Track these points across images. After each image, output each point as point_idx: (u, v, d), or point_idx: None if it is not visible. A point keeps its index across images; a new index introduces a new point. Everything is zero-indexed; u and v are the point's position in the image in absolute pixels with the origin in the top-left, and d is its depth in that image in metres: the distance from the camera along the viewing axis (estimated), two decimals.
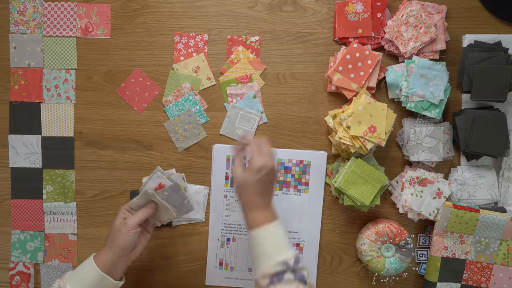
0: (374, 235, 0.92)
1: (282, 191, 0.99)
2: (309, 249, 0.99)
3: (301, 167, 0.99)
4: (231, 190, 1.00)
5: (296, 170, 0.99)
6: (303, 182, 0.99)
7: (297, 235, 0.99)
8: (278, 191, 0.99)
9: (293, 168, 0.99)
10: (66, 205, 1.02)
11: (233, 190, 1.00)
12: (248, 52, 0.99)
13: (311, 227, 0.99)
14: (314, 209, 0.99)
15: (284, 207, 0.99)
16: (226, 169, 0.99)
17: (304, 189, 0.99)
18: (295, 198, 0.99)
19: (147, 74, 1.00)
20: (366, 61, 0.94)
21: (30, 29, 1.00)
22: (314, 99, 0.99)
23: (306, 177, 0.99)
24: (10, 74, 1.01)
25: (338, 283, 1.01)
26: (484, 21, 0.97)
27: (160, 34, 1.00)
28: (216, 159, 1.00)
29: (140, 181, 1.01)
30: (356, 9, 0.96)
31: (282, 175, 0.99)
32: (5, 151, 1.02)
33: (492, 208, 0.93)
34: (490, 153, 0.92)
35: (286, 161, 0.99)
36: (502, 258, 0.92)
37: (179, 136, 1.00)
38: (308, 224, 0.99)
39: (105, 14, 1.00)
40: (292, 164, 0.99)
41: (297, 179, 0.99)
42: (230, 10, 0.99)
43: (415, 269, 0.99)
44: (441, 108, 0.92)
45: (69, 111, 1.01)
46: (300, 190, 0.99)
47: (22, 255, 1.03)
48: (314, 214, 0.99)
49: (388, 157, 0.99)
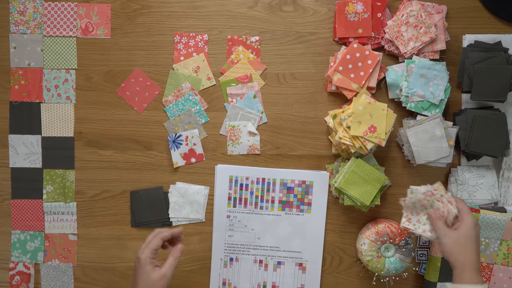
0: (374, 235, 0.92)
1: (284, 211, 0.99)
2: (312, 269, 1.00)
3: (303, 187, 0.99)
4: (233, 210, 1.00)
5: (298, 190, 0.99)
6: (306, 202, 0.99)
7: (299, 254, 1.00)
8: (280, 211, 1.00)
9: (295, 188, 0.99)
10: (66, 205, 1.02)
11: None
12: (248, 52, 0.99)
13: (313, 246, 1.00)
14: (316, 229, 0.99)
15: (287, 227, 0.99)
16: (229, 189, 1.00)
17: (306, 209, 0.99)
18: (298, 218, 0.99)
19: (147, 74, 1.00)
20: (366, 61, 0.94)
21: (30, 29, 1.00)
22: (314, 99, 0.99)
23: (309, 197, 0.99)
24: (10, 74, 1.01)
25: (338, 283, 1.01)
26: (484, 21, 0.97)
27: (160, 34, 1.00)
28: (219, 180, 1.00)
29: (140, 181, 1.01)
30: (356, 9, 0.96)
31: (284, 195, 0.99)
32: (5, 151, 1.02)
33: (492, 208, 0.93)
34: (490, 153, 0.92)
35: (289, 181, 0.99)
36: (502, 258, 0.92)
37: None
38: (311, 244, 1.00)
39: (105, 14, 1.00)
40: (294, 184, 0.99)
41: (299, 199, 0.99)
42: (230, 10, 0.99)
43: (415, 269, 0.99)
44: (441, 108, 0.92)
45: (69, 111, 1.01)
46: (303, 210, 0.99)
47: (22, 255, 1.03)
48: (316, 234, 0.99)
49: (388, 157, 0.99)
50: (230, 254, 1.00)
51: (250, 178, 1.00)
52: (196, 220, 1.01)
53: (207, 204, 1.01)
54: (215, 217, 1.00)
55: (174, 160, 0.99)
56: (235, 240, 1.00)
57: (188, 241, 1.01)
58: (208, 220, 1.01)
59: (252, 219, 1.00)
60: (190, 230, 1.01)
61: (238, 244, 1.00)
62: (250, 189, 1.00)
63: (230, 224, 1.00)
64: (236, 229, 1.00)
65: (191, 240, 1.01)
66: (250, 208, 1.00)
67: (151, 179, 1.01)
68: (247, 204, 1.00)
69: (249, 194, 1.00)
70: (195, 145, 0.99)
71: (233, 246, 1.00)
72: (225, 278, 1.01)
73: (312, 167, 1.00)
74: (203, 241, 1.01)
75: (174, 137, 0.99)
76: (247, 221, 1.00)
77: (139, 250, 0.82)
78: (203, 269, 1.01)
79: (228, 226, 1.00)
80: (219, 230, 1.00)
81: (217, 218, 1.00)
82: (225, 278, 1.01)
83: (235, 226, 1.00)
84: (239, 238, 1.00)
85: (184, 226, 1.01)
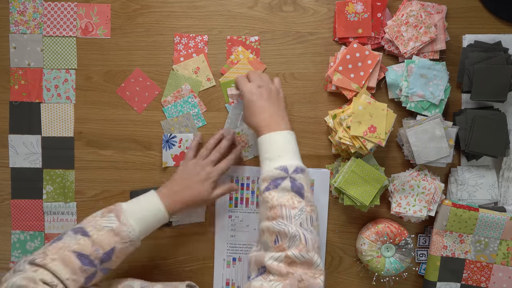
0: (374, 235, 0.93)
1: None
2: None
3: None
4: (235, 210, 1.00)
5: None
6: None
7: None
8: None
9: None
10: (66, 205, 1.02)
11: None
12: (248, 52, 0.99)
13: None
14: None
15: None
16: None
17: None
18: None
19: (147, 74, 1.00)
20: (366, 61, 0.94)
21: (30, 29, 1.00)
22: (314, 99, 0.99)
23: None
24: (10, 74, 1.01)
25: (338, 283, 1.01)
26: (484, 21, 0.97)
27: (160, 34, 1.00)
28: (220, 180, 0.99)
29: (140, 181, 1.01)
30: (356, 9, 0.96)
31: None
32: (5, 151, 1.02)
33: (492, 208, 0.93)
34: (490, 153, 0.92)
35: None
36: (501, 258, 0.92)
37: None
38: None
39: (105, 14, 1.00)
40: None
41: None
42: (230, 10, 0.99)
43: (415, 269, 0.99)
44: (441, 108, 0.92)
45: (69, 111, 1.01)
46: None
47: (22, 255, 1.03)
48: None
49: (388, 157, 0.99)
50: (232, 254, 1.00)
51: (251, 177, 1.00)
52: (196, 221, 1.01)
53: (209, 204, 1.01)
54: (217, 217, 1.00)
55: (164, 159, 0.99)
56: (237, 240, 1.00)
57: (187, 241, 1.01)
58: (208, 220, 1.01)
59: (254, 218, 1.00)
60: (189, 230, 1.01)
61: (240, 244, 1.00)
62: (252, 189, 1.00)
63: (232, 224, 1.00)
64: (238, 229, 1.00)
65: (190, 240, 1.01)
66: (251, 208, 1.00)
67: (151, 179, 1.01)
68: (249, 203, 1.00)
69: (250, 193, 1.00)
70: (187, 149, 0.99)
71: (236, 246, 1.00)
72: (229, 278, 1.01)
73: (312, 167, 1.00)
74: (203, 241, 1.01)
75: (168, 137, 0.99)
76: (249, 221, 1.00)
77: (204, 161, 0.90)
78: (204, 269, 1.01)
79: (230, 226, 1.00)
80: (221, 230, 1.00)
81: (219, 218, 1.00)
82: (228, 278, 1.01)
83: (237, 226, 1.00)
84: (241, 238, 1.00)
85: (183, 226, 1.01)
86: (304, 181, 0.75)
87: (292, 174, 0.74)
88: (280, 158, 0.76)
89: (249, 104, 0.84)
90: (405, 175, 0.93)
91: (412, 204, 0.92)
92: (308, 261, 0.69)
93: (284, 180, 0.74)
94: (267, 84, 0.86)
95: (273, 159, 0.77)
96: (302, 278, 0.67)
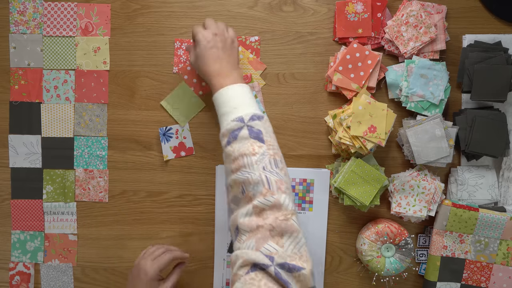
0: (374, 235, 0.93)
1: None
2: (315, 267, 0.99)
3: (304, 185, 0.99)
4: None
5: (300, 189, 0.99)
6: (307, 201, 0.99)
7: None
8: None
9: (296, 186, 0.99)
10: (66, 205, 1.02)
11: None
12: (248, 52, 0.99)
13: (316, 244, 0.99)
14: (318, 227, 0.99)
15: None
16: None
17: (308, 207, 0.99)
18: (300, 217, 0.99)
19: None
20: (366, 61, 0.94)
21: (30, 29, 1.00)
22: (314, 99, 0.99)
23: (310, 195, 0.99)
24: (10, 74, 1.01)
25: (338, 283, 1.01)
26: (484, 21, 0.97)
27: (160, 34, 1.00)
28: (220, 180, 1.00)
29: (140, 181, 1.01)
30: (356, 9, 0.96)
31: None
32: (5, 151, 1.02)
33: (492, 208, 0.93)
34: (490, 153, 0.92)
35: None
36: (501, 258, 0.92)
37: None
38: (313, 242, 0.99)
39: (105, 14, 1.00)
40: (295, 182, 0.99)
41: (301, 198, 0.99)
42: (230, 10, 0.99)
43: (415, 269, 0.99)
44: (441, 108, 0.92)
45: (69, 112, 1.01)
46: (305, 209, 0.99)
47: (22, 255, 1.03)
48: (319, 232, 0.99)
49: (388, 157, 0.99)
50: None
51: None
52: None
53: (208, 204, 1.01)
54: (217, 217, 1.00)
55: (165, 153, 0.99)
56: None
57: (188, 241, 1.01)
58: (208, 220, 1.01)
59: None
60: (190, 230, 1.01)
61: None
62: None
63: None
64: None
65: (191, 240, 1.01)
66: None
67: (151, 179, 1.01)
68: None
69: None
70: (185, 139, 0.99)
71: None
72: (229, 278, 1.00)
73: (312, 167, 1.00)
74: (204, 241, 1.01)
75: (164, 130, 0.99)
76: None
77: (144, 261, 0.85)
78: (203, 269, 1.01)
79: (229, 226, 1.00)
80: (221, 230, 1.00)
81: (218, 218, 1.00)
82: (228, 278, 1.00)
83: None
84: None
85: (184, 227, 1.01)
86: (263, 127, 0.74)
87: (248, 122, 0.73)
88: (236, 110, 0.75)
89: (203, 52, 0.84)
90: (405, 175, 0.93)
91: (412, 204, 0.92)
92: (276, 204, 0.66)
93: (242, 129, 0.72)
94: (223, 33, 0.86)
95: (229, 112, 0.76)
96: (273, 226, 0.65)
